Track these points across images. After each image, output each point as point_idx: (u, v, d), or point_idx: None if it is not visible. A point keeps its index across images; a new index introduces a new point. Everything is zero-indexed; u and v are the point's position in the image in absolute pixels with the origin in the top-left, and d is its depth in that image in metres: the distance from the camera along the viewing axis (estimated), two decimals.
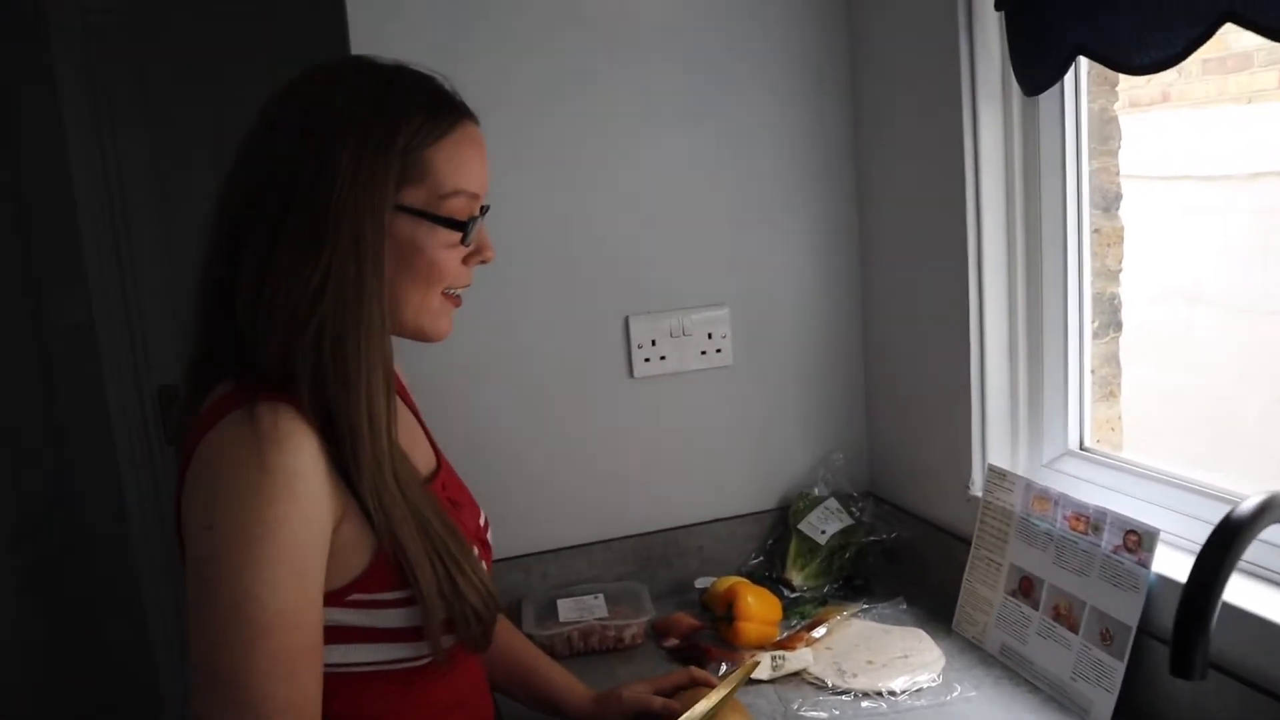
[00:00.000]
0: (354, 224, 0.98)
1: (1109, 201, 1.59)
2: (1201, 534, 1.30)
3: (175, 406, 1.11)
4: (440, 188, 1.04)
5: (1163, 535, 1.29)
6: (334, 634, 1.01)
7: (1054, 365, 1.55)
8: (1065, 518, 1.42)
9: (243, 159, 1.04)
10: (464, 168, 1.05)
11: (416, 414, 1.27)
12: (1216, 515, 1.30)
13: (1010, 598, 1.50)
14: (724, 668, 1.52)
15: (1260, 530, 0.92)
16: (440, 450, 1.26)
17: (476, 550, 1.14)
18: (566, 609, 1.68)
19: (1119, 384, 1.63)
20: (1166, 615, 1.27)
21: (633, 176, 1.74)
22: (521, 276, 1.71)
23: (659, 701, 1.32)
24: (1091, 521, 1.38)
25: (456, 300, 1.12)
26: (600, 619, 1.65)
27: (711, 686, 1.33)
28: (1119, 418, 1.63)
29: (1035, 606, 1.45)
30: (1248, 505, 0.93)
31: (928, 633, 1.59)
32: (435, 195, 1.04)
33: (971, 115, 1.54)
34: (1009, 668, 1.47)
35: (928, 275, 1.68)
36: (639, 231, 1.76)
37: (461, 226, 1.05)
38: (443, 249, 1.05)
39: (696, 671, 1.38)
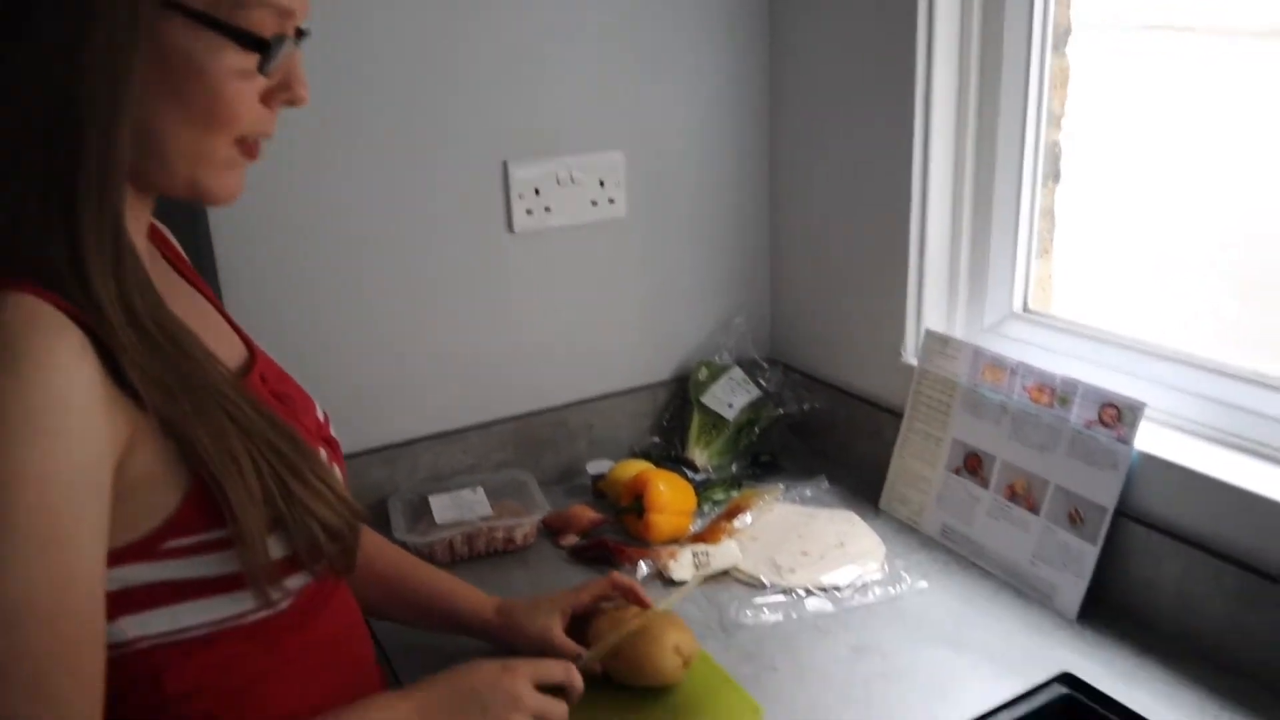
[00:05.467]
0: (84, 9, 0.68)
1: (1058, 38, 1.42)
2: (1179, 405, 1.20)
3: None
4: None
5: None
6: (151, 595, 0.76)
7: (1003, 217, 1.39)
8: (1025, 388, 1.29)
9: None
10: None
11: (211, 299, 0.97)
12: (1194, 384, 1.20)
13: (954, 475, 1.37)
14: (642, 569, 1.33)
15: None
16: (252, 339, 0.96)
17: (323, 451, 0.89)
18: (443, 508, 1.43)
19: (1052, 239, 1.49)
20: (1148, 496, 1.16)
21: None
22: (376, 111, 1.37)
23: (568, 648, 1.10)
24: (1059, 394, 1.25)
25: (252, 150, 0.80)
26: (484, 518, 1.41)
27: (634, 594, 1.15)
28: (1050, 276, 1.50)
29: (985, 485, 1.33)
30: None
31: (855, 514, 1.45)
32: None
33: None
34: (954, 552, 1.35)
35: (857, 117, 1.47)
36: (522, 62, 1.44)
37: (262, 46, 0.74)
38: (233, 76, 0.74)
39: (619, 578, 1.17)
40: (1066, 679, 1.11)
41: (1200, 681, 1.08)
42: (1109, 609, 1.20)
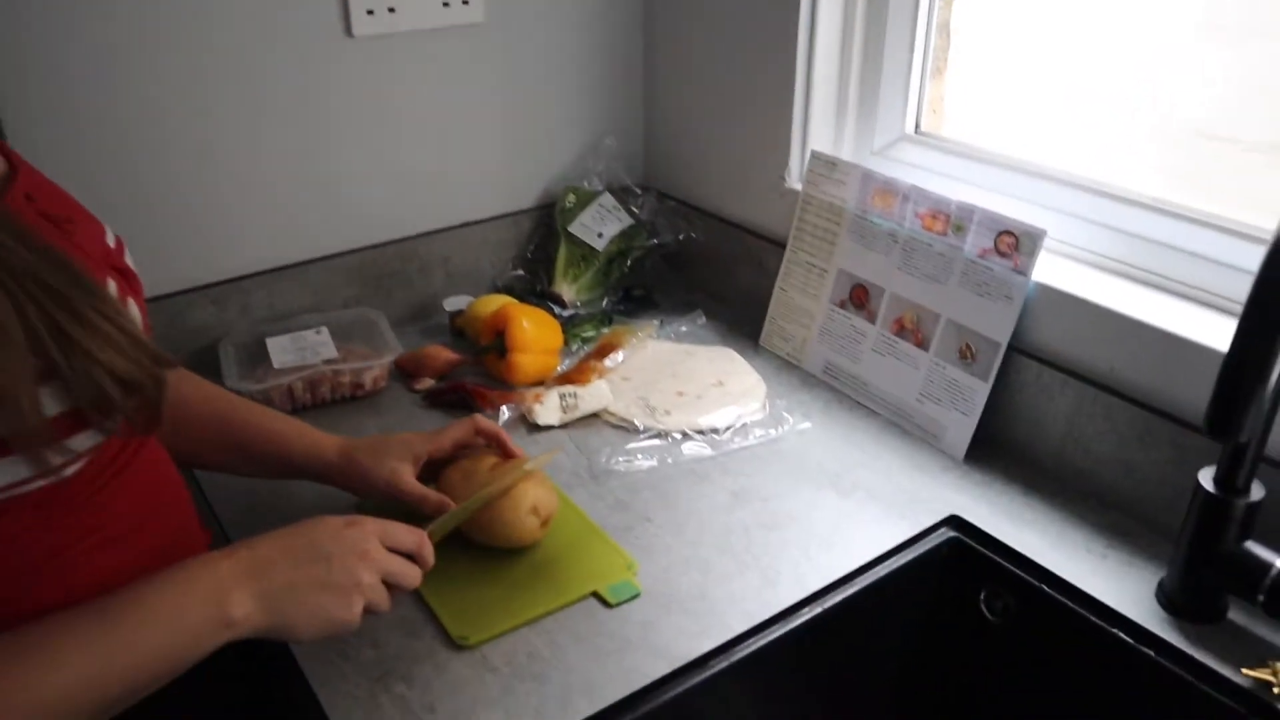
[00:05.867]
0: None
1: None
2: (1079, 234, 1.13)
3: None
4: None
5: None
6: None
7: (898, 31, 1.27)
8: (917, 215, 1.19)
9: None
10: None
11: None
12: (1096, 212, 1.13)
13: (838, 309, 1.29)
14: (504, 413, 1.22)
15: None
16: (16, 153, 0.78)
17: (113, 285, 0.74)
18: (281, 350, 1.28)
19: (946, 58, 1.38)
20: (1043, 329, 1.10)
21: None
22: None
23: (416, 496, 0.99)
24: (953, 220, 1.16)
25: None
26: (329, 360, 1.27)
27: (499, 441, 1.03)
28: (943, 98, 1.40)
29: (871, 319, 1.25)
30: None
31: (734, 351, 1.36)
32: None
33: None
34: (838, 390, 1.28)
35: None
36: None
37: None
38: None
39: (483, 423, 1.05)
40: (954, 521, 1.06)
41: (1086, 520, 1.05)
42: (997, 448, 1.15)
